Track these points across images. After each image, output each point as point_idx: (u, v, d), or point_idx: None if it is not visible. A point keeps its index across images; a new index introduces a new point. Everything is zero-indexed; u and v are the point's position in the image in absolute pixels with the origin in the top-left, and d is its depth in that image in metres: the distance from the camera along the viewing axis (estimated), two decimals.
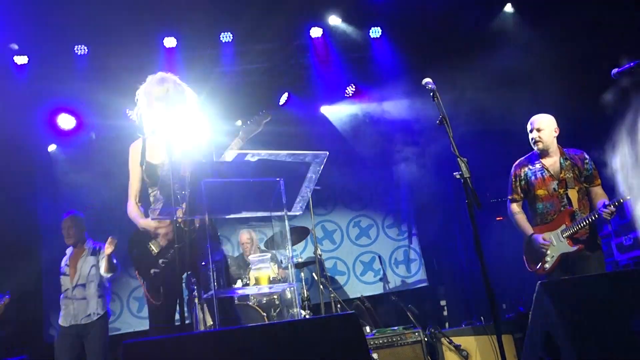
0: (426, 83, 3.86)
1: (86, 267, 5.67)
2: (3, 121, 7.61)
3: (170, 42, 7.56)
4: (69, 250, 5.83)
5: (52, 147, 8.35)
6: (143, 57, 7.79)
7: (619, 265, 6.49)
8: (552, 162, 4.93)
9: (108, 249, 5.35)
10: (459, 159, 3.59)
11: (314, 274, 7.60)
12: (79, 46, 7.40)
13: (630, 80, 3.86)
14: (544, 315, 2.60)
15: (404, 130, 8.73)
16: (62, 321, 5.67)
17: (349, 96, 8.57)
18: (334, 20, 7.87)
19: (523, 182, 5.03)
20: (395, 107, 8.87)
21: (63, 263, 5.79)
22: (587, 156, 4.94)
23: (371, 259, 8.73)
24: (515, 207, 5.09)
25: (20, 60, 7.35)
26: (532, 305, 2.76)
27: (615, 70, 3.91)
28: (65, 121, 7.89)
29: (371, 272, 8.68)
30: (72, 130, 7.99)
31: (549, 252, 4.84)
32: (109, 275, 5.61)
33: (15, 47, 7.09)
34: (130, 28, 7.23)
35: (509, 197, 5.14)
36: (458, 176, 3.56)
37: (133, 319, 8.11)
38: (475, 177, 3.52)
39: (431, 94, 3.80)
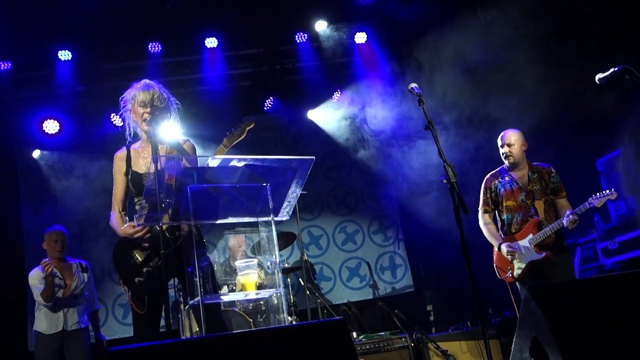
0: (412, 88, 3.88)
1: (81, 282, 5.75)
2: None
3: (155, 47, 7.51)
4: (55, 262, 5.73)
5: (36, 153, 8.26)
6: (128, 62, 7.76)
7: (604, 269, 6.54)
8: (521, 174, 5.15)
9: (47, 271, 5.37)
10: (445, 163, 3.60)
11: (300, 280, 7.57)
12: (63, 51, 7.34)
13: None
14: (532, 320, 2.61)
15: (390, 135, 8.74)
16: (45, 329, 5.60)
17: (335, 101, 8.56)
18: (320, 26, 7.87)
19: (493, 194, 5.23)
20: (381, 112, 8.89)
21: (54, 274, 5.65)
22: (553, 170, 5.17)
23: (357, 265, 8.71)
24: (486, 218, 5.29)
25: (3, 65, 7.27)
26: (521, 309, 2.77)
27: (599, 76, 3.95)
28: (49, 126, 7.81)
29: (357, 277, 8.67)
30: (56, 136, 7.90)
31: (517, 260, 5.02)
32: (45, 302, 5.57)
33: None
34: (115, 33, 7.21)
35: (480, 208, 5.32)
36: (445, 181, 3.57)
37: (118, 326, 8.02)
38: (465, 181, 3.53)
39: (417, 98, 3.82)
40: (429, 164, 7.00)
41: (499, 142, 5.18)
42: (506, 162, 5.15)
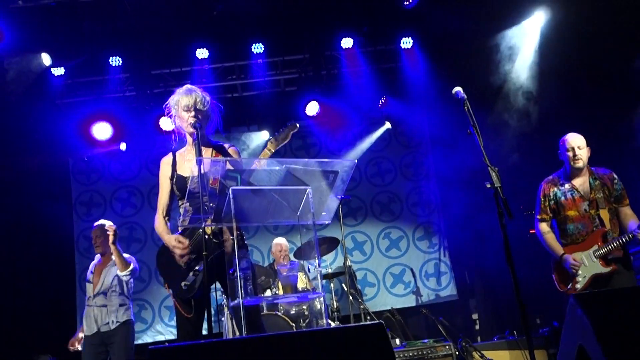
0: (456, 92, 3.83)
1: (110, 277, 5.65)
2: (41, 132, 7.81)
3: (202, 53, 7.64)
4: (96, 258, 5.86)
5: (86, 157, 8.52)
6: (176, 67, 7.92)
7: None
8: (582, 182, 4.85)
9: (110, 237, 5.29)
10: (489, 168, 3.54)
11: (343, 285, 7.56)
12: (114, 57, 7.54)
13: None
14: (578, 329, 2.53)
15: (435, 141, 8.67)
16: (86, 331, 5.64)
17: (380, 107, 8.53)
18: (365, 31, 7.86)
19: (552, 202, 4.93)
20: (426, 117, 8.83)
21: (89, 271, 5.83)
22: (615, 176, 4.85)
23: (401, 271, 8.65)
24: (544, 227, 4.98)
25: (57, 71, 7.51)
26: (565, 318, 2.69)
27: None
28: (100, 131, 8.02)
29: (401, 284, 8.60)
30: (106, 140, 8.12)
31: (580, 272, 4.74)
32: (125, 274, 5.49)
33: (48, 60, 7.22)
34: (163, 39, 7.36)
35: (538, 216, 5.02)
36: (489, 186, 3.51)
37: (164, 328, 8.18)
38: (511, 188, 3.46)
39: (461, 103, 3.76)
40: (474, 169, 6.90)
41: (565, 146, 4.84)
42: (576, 166, 4.79)
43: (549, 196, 4.94)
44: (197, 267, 3.66)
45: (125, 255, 5.66)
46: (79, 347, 5.40)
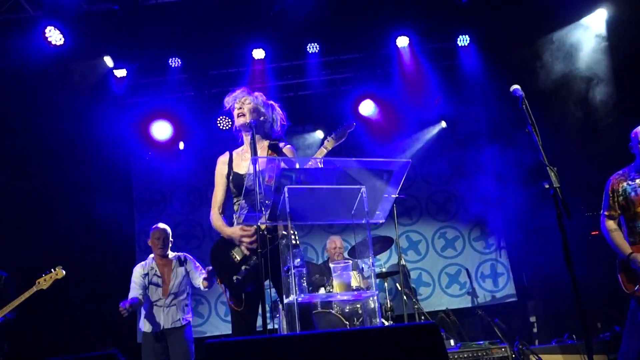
0: (514, 90, 3.76)
1: (178, 278, 5.82)
2: (104, 131, 8.09)
3: (258, 53, 7.74)
4: (150, 258, 5.98)
5: (147, 155, 8.78)
6: (233, 68, 8.05)
7: None
8: None
9: (203, 283, 5.56)
10: (548, 167, 3.47)
11: (397, 285, 7.53)
12: (173, 59, 7.72)
13: None
14: (639, 334, 2.46)
15: (492, 140, 8.53)
16: (145, 328, 5.79)
17: (436, 106, 8.44)
18: (421, 29, 7.80)
19: (621, 198, 4.66)
20: (483, 116, 8.70)
21: (151, 272, 5.89)
22: None
23: (457, 271, 8.55)
24: (611, 224, 4.71)
25: (120, 73, 7.75)
26: (626, 322, 2.61)
27: None
28: (160, 131, 8.24)
29: (457, 284, 8.50)
30: (166, 139, 8.34)
31: None
32: (206, 286, 5.70)
33: (111, 62, 7.47)
34: (221, 41, 7.49)
35: (605, 212, 4.75)
36: (547, 186, 3.43)
37: (220, 322, 8.34)
38: (571, 188, 3.37)
39: (519, 101, 3.69)
40: (532, 168, 6.75)
41: (637, 139, 4.61)
42: None
43: (618, 191, 4.68)
44: (249, 262, 3.73)
45: (179, 254, 5.89)
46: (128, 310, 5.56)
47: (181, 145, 8.54)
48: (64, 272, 5.44)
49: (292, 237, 3.55)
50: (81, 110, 7.70)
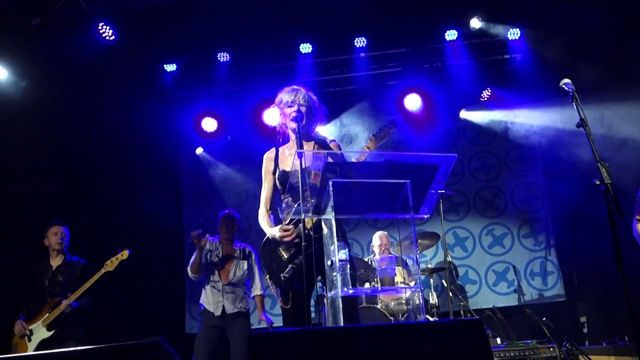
0: (565, 84, 3.68)
1: (240, 271, 6.00)
2: (154, 125, 8.27)
3: (306, 47, 7.76)
4: (214, 239, 6.16)
5: (198, 150, 8.94)
6: (280, 63, 8.10)
7: None
8: None
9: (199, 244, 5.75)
10: (599, 164, 3.38)
11: (443, 281, 7.46)
12: (222, 53, 7.81)
13: None
14: None
15: (543, 136, 8.34)
16: (210, 308, 5.93)
17: (485, 100, 8.31)
18: (471, 22, 7.68)
19: None
20: (533, 111, 8.51)
21: (214, 252, 6.08)
22: None
23: (505, 269, 8.41)
24: None
25: (169, 68, 7.89)
26: None
27: None
28: (208, 124, 8.38)
29: (504, 282, 8.36)
30: (214, 133, 8.48)
31: None
32: (192, 273, 5.95)
33: (161, 57, 7.62)
34: (268, 35, 7.54)
35: (637, 217, 4.67)
36: (598, 183, 3.35)
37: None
38: (624, 185, 3.28)
39: (570, 95, 3.61)
40: (584, 164, 6.58)
41: None
42: None
43: None
44: (296, 260, 3.76)
45: (245, 245, 6.09)
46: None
47: (229, 138, 8.69)
48: (129, 252, 5.65)
49: (338, 231, 3.56)
50: (132, 105, 7.90)
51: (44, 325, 5.47)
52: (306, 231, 3.57)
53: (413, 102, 8.18)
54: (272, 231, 3.85)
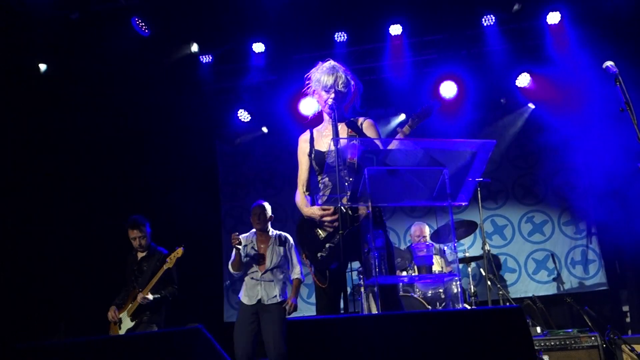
0: (607, 67, 3.59)
1: (276, 257, 6.06)
2: (190, 117, 8.36)
3: (341, 36, 7.72)
4: (250, 233, 6.22)
5: (234, 141, 9.02)
6: (315, 52, 8.07)
7: None
8: None
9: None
10: None
11: (482, 270, 7.39)
12: (257, 44, 7.83)
13: None
14: None
15: (583, 120, 8.14)
16: (246, 300, 6.04)
17: (522, 87, 8.13)
18: (508, 7, 7.52)
19: None
20: (574, 95, 8.32)
21: (250, 245, 6.18)
22: None
23: (545, 257, 8.27)
24: None
25: (205, 59, 7.95)
26: None
27: None
28: (244, 115, 8.44)
29: (545, 270, 8.23)
30: (249, 123, 8.53)
31: None
32: (232, 271, 6.07)
33: (197, 49, 7.66)
34: (303, 24, 7.52)
35: None
36: None
37: (302, 304, 8.44)
38: None
39: (613, 78, 3.52)
40: (627, 149, 6.40)
41: None
42: None
43: None
44: (333, 239, 3.76)
45: (280, 232, 6.18)
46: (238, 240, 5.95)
47: (264, 129, 8.74)
48: (183, 249, 5.83)
49: (376, 217, 3.55)
50: (168, 96, 8.00)
51: (128, 315, 5.74)
52: (344, 210, 3.56)
53: (449, 89, 8.06)
54: (312, 210, 3.84)
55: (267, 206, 6.24)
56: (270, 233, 6.19)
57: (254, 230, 6.25)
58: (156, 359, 2.45)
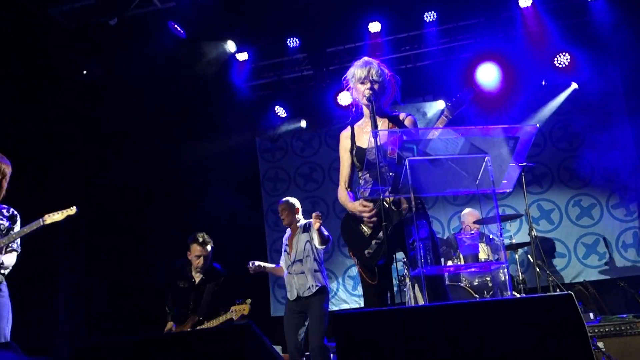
0: None
1: (301, 244, 6.03)
2: (230, 114, 8.44)
3: (374, 26, 7.67)
4: (287, 232, 6.28)
5: (274, 136, 9.08)
6: (350, 44, 8.06)
7: None
8: None
9: (316, 224, 5.64)
10: None
11: (529, 256, 7.26)
12: (291, 39, 7.84)
13: None
14: None
15: (629, 99, 7.91)
16: (288, 295, 6.10)
17: (563, 67, 7.92)
18: None
19: None
20: (618, 74, 8.08)
21: (284, 242, 6.25)
22: None
23: (595, 241, 8.08)
24: None
25: (241, 57, 7.99)
26: None
27: None
28: (281, 110, 8.49)
29: (595, 255, 8.04)
30: (288, 118, 8.57)
31: None
32: (323, 247, 5.88)
33: (233, 47, 7.70)
34: (337, 17, 7.50)
35: None
36: None
37: (347, 296, 8.47)
38: None
39: None
40: None
41: None
42: None
43: None
44: (379, 235, 3.74)
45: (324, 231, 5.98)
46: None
47: (303, 124, 8.75)
48: (250, 305, 5.68)
49: (419, 207, 3.52)
50: (207, 95, 8.08)
51: None
52: (387, 206, 3.54)
53: (488, 74, 7.92)
54: (353, 206, 3.84)
55: (292, 201, 6.23)
56: (298, 224, 6.18)
57: (288, 229, 6.30)
58: (209, 356, 2.48)
